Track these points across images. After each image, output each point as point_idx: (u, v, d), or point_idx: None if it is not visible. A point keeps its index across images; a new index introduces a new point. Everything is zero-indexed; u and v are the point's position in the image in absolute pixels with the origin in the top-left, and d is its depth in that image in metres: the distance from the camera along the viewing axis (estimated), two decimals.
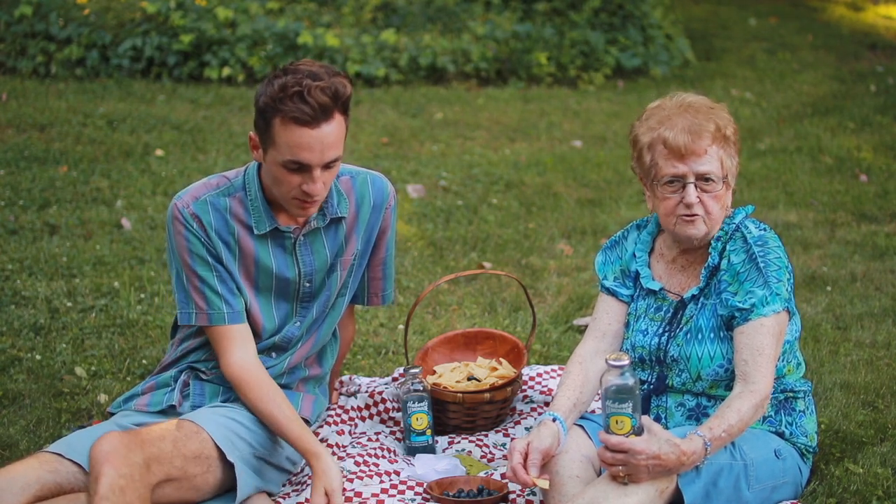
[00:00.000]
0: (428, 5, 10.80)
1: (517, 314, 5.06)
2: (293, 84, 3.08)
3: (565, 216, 6.61)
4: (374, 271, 3.59)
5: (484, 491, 3.30)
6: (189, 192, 3.33)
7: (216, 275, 3.31)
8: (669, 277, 3.31)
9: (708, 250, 3.23)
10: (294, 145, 3.12)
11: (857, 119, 9.02)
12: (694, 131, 3.12)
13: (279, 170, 3.19)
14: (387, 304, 3.67)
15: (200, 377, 3.44)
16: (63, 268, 5.39)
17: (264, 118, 3.15)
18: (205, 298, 3.30)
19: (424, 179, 7.21)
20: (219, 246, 3.31)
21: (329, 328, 3.55)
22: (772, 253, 3.14)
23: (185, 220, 3.28)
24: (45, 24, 9.70)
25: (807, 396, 3.32)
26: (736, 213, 3.26)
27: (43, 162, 7.04)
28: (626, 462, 2.89)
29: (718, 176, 3.14)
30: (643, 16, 11.23)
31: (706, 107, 3.19)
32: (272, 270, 3.37)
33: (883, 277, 5.50)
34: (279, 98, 3.09)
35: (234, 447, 3.21)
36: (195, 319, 3.32)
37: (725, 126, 3.17)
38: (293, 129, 3.11)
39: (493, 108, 9.43)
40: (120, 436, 2.96)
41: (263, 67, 9.65)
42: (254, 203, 3.32)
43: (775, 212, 6.68)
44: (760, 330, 3.08)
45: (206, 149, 7.63)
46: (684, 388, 3.22)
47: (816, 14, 14.69)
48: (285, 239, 3.37)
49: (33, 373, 4.32)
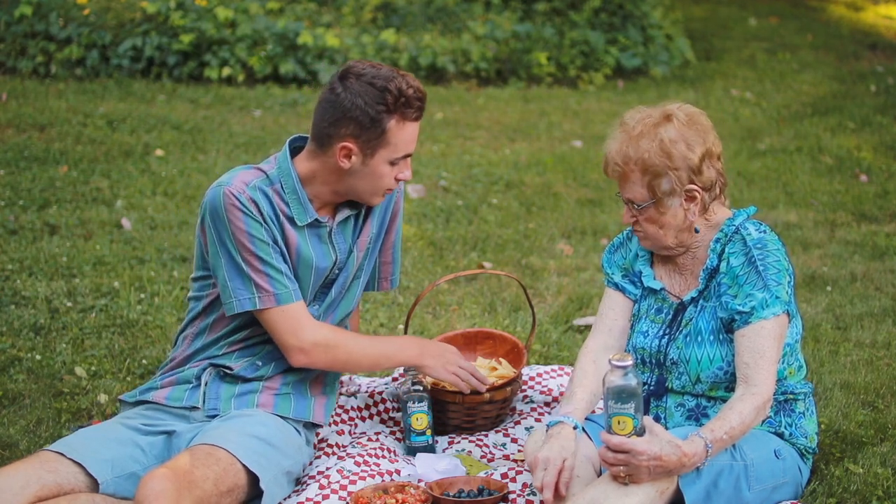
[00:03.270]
0: (428, 5, 10.80)
1: (517, 314, 5.06)
2: (405, 87, 3.29)
3: (565, 216, 6.61)
4: (385, 255, 3.67)
5: (484, 491, 3.30)
6: (236, 177, 3.35)
7: (277, 256, 3.34)
8: (670, 279, 3.32)
9: (707, 252, 3.23)
10: (409, 140, 3.35)
11: (857, 119, 9.02)
12: (614, 160, 3.18)
13: (385, 167, 3.35)
14: (394, 287, 3.74)
15: (222, 374, 3.43)
16: (63, 268, 5.39)
17: (380, 124, 3.28)
18: (269, 280, 3.31)
19: (424, 179, 7.21)
20: (274, 229, 3.35)
21: (342, 313, 3.57)
22: (771, 256, 3.13)
23: (243, 205, 3.30)
24: (45, 24, 9.70)
25: (807, 398, 3.32)
26: (737, 215, 3.25)
27: (43, 162, 7.04)
28: (627, 462, 2.89)
29: (644, 201, 3.16)
30: (643, 16, 11.23)
31: (640, 128, 3.16)
32: (312, 261, 3.42)
33: (883, 277, 5.50)
34: (402, 102, 3.28)
35: (264, 470, 3.21)
36: (259, 303, 3.31)
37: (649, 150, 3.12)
38: (409, 127, 3.34)
39: (493, 108, 9.43)
40: (170, 476, 2.96)
41: (263, 67, 9.65)
42: (292, 195, 3.38)
43: (775, 212, 6.68)
44: (761, 333, 3.07)
45: (206, 149, 7.63)
46: (684, 391, 3.22)
47: (816, 14, 14.69)
48: (322, 228, 3.43)
49: (33, 373, 4.32)
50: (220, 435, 3.20)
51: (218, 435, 3.20)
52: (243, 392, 3.41)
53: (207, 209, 3.32)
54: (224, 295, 3.34)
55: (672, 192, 3.15)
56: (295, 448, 3.37)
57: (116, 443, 3.22)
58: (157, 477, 2.95)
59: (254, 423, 3.30)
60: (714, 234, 3.22)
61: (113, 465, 3.15)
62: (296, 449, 3.37)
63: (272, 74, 9.77)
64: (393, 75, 3.30)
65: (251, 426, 3.28)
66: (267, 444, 3.26)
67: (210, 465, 3.08)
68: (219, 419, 3.33)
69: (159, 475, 2.95)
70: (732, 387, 3.16)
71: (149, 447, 3.26)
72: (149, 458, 3.24)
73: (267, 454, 3.24)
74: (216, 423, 3.31)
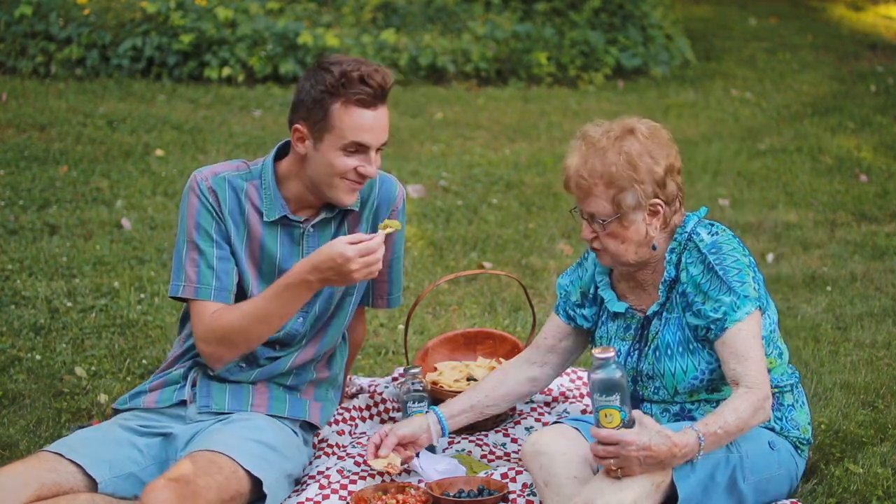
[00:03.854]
0: (428, 5, 10.81)
1: (517, 314, 5.06)
2: (353, 69, 3.21)
3: (565, 216, 6.60)
4: (380, 273, 3.56)
5: (484, 491, 3.30)
6: (210, 167, 3.40)
7: (218, 252, 3.33)
8: (634, 296, 3.31)
9: (663, 264, 3.23)
10: (357, 127, 3.24)
11: (857, 119, 9.02)
12: (578, 174, 3.15)
13: (336, 155, 3.27)
14: (393, 307, 3.68)
15: (208, 374, 3.43)
16: (63, 268, 5.39)
17: (322, 106, 3.23)
18: (197, 271, 3.32)
19: (424, 179, 7.21)
20: (229, 224, 3.34)
21: (336, 331, 3.53)
22: (728, 258, 3.12)
23: (201, 192, 3.33)
24: (45, 24, 9.70)
25: (795, 389, 3.30)
26: (687, 220, 3.22)
27: (43, 162, 7.04)
28: (617, 454, 2.89)
29: (607, 215, 3.14)
30: (643, 16, 11.23)
31: (611, 140, 3.14)
32: (276, 259, 3.39)
33: (883, 277, 5.51)
34: (342, 83, 3.21)
35: (266, 473, 3.20)
36: (182, 291, 3.32)
37: (622, 165, 3.10)
38: (355, 112, 3.23)
39: (493, 108, 9.43)
40: (174, 486, 2.95)
41: (263, 67, 9.65)
42: (267, 191, 3.37)
43: (775, 212, 6.68)
44: (739, 336, 3.07)
45: (206, 149, 7.63)
46: (661, 399, 3.23)
47: (816, 14, 14.69)
48: (294, 228, 3.40)
49: (33, 373, 4.32)
50: (221, 440, 3.20)
51: (218, 440, 3.20)
52: (235, 389, 3.41)
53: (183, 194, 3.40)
54: (172, 276, 3.38)
55: (637, 207, 3.14)
56: (294, 450, 3.37)
57: (114, 444, 3.22)
58: (160, 488, 2.94)
59: (252, 426, 3.30)
60: (669, 244, 3.22)
61: (111, 466, 3.15)
62: (295, 451, 3.37)
63: (272, 74, 9.77)
64: (351, 63, 3.24)
65: (251, 430, 3.28)
66: (268, 448, 3.26)
67: (213, 474, 3.07)
68: (218, 422, 3.33)
69: (163, 486, 2.95)
70: (713, 388, 3.18)
71: (146, 448, 3.26)
72: (146, 459, 3.24)
73: (268, 458, 3.24)
74: (217, 426, 3.30)
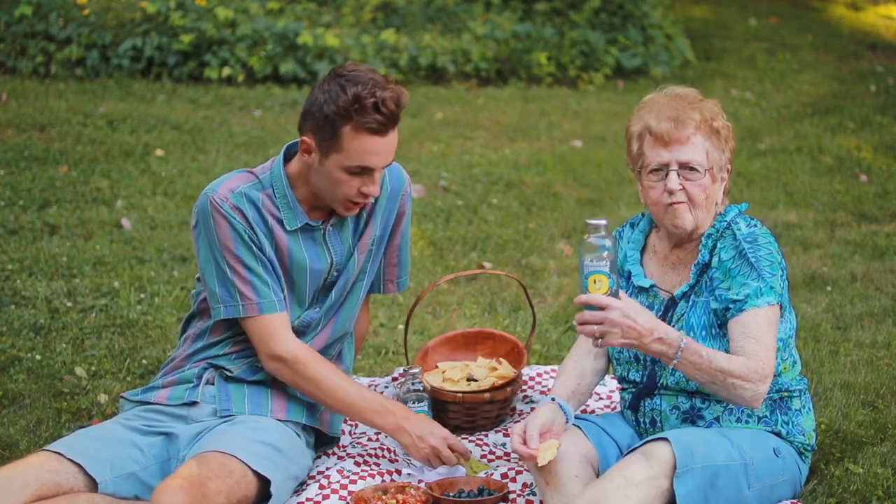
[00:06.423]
0: (428, 5, 10.80)
1: (517, 314, 5.06)
2: (367, 95, 3.17)
3: (565, 216, 6.61)
4: (389, 257, 3.62)
5: (484, 491, 3.30)
6: (222, 184, 3.35)
7: (261, 264, 3.33)
8: (662, 275, 3.32)
9: (698, 247, 3.24)
10: (364, 152, 3.23)
11: (857, 119, 9.02)
12: (677, 119, 3.15)
13: (340, 174, 3.26)
14: (402, 290, 3.70)
15: (225, 376, 3.42)
16: (63, 268, 5.39)
17: (332, 125, 3.21)
18: (254, 289, 3.31)
19: (424, 179, 7.21)
20: (260, 236, 3.34)
21: (347, 316, 3.55)
22: (762, 249, 3.15)
23: (227, 213, 3.30)
24: (45, 24, 9.70)
25: (803, 395, 3.32)
26: (728, 211, 3.27)
27: (43, 162, 7.04)
28: (602, 319, 2.90)
29: (703, 166, 3.15)
30: (643, 16, 11.23)
31: (695, 98, 3.22)
32: (306, 264, 3.40)
33: (883, 277, 5.51)
34: (354, 109, 3.18)
35: (274, 475, 3.20)
36: (243, 311, 3.31)
37: (712, 118, 3.18)
38: (365, 138, 3.22)
39: (493, 108, 9.43)
40: (185, 488, 2.96)
41: (263, 67, 9.66)
42: (282, 200, 3.37)
43: (775, 212, 6.68)
44: (755, 318, 3.09)
45: (206, 149, 7.63)
46: (678, 388, 3.22)
47: (816, 14, 14.69)
48: (315, 231, 3.41)
49: (33, 373, 4.32)
50: (229, 441, 3.20)
51: (226, 441, 3.20)
52: (255, 393, 3.42)
53: (196, 217, 3.35)
54: (212, 300, 3.36)
55: (720, 167, 3.20)
56: (299, 452, 3.37)
57: (115, 443, 3.22)
58: (174, 489, 2.95)
59: (259, 428, 3.30)
60: (706, 227, 3.24)
61: (112, 466, 3.15)
62: (300, 453, 3.38)
63: (272, 74, 9.78)
64: (368, 81, 3.20)
65: (257, 432, 3.28)
66: (274, 450, 3.26)
67: (223, 478, 3.08)
68: (224, 422, 3.33)
69: (174, 488, 2.96)
70: None
71: (148, 448, 3.26)
72: (147, 459, 3.24)
73: (275, 460, 3.24)
74: (223, 426, 3.30)
